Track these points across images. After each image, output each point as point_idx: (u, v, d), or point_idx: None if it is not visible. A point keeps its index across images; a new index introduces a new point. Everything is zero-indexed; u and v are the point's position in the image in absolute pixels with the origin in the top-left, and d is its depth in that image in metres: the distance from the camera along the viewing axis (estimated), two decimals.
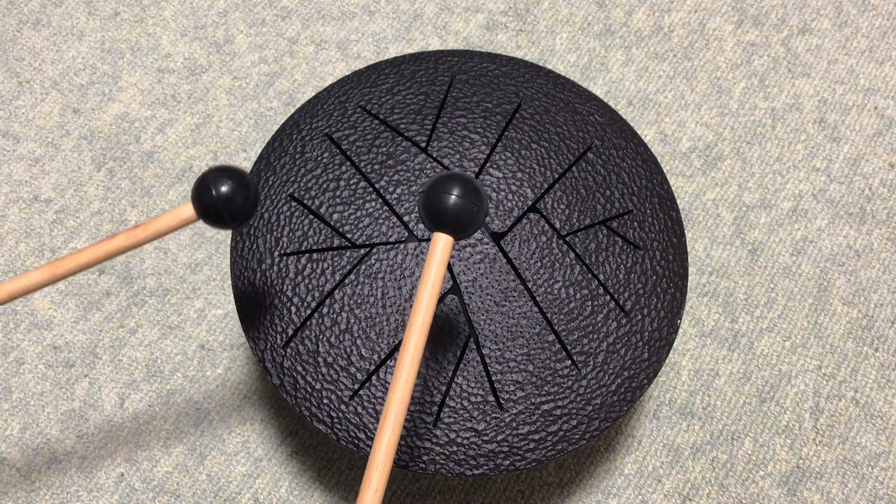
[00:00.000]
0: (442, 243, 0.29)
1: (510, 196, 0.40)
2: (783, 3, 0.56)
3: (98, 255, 0.31)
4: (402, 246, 0.39)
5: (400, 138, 0.41)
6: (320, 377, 0.37)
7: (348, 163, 0.41)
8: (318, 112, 0.42)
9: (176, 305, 0.47)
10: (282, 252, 0.39)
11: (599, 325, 0.38)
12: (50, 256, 0.48)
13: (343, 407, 0.36)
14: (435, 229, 0.29)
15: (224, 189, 0.30)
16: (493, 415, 0.36)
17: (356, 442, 0.36)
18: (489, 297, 0.38)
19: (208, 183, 0.30)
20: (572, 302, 0.38)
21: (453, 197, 0.28)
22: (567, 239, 0.39)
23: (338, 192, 0.40)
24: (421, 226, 0.39)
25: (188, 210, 0.31)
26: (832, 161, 0.51)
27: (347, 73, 0.52)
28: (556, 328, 0.38)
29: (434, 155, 0.41)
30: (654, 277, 0.39)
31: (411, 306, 0.38)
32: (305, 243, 0.39)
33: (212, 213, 0.30)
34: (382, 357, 0.37)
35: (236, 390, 0.45)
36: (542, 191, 0.40)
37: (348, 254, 0.39)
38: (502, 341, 0.37)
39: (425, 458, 0.36)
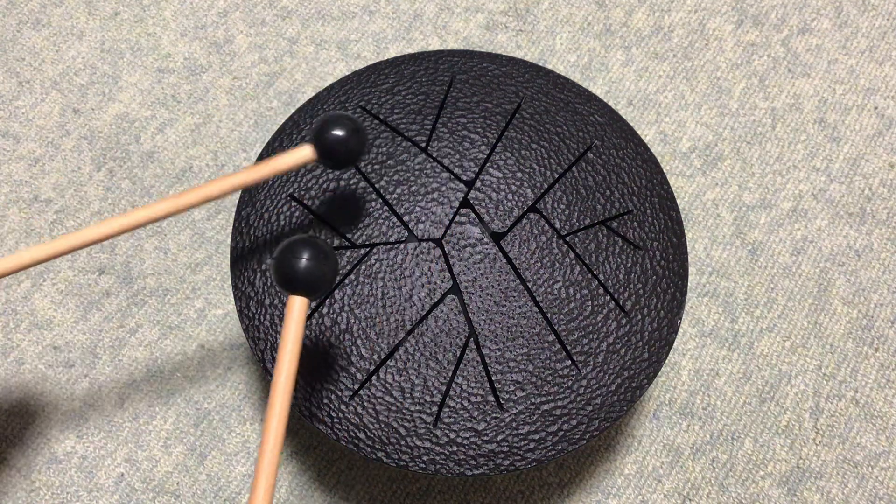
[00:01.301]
0: (297, 305, 0.30)
1: (510, 196, 0.40)
2: (783, 3, 0.56)
3: (223, 188, 0.35)
4: (402, 246, 0.39)
5: (400, 138, 0.41)
6: (320, 377, 0.37)
7: None
8: (318, 112, 0.42)
9: (176, 305, 0.47)
10: None
11: (599, 325, 0.38)
12: None
13: (343, 407, 0.36)
14: (290, 293, 0.31)
15: (341, 133, 0.35)
16: (493, 415, 0.36)
17: (356, 442, 0.36)
18: (489, 297, 0.38)
19: (329, 127, 0.35)
20: (572, 302, 0.38)
21: (304, 260, 0.30)
22: (567, 239, 0.39)
23: (338, 192, 0.40)
24: (421, 226, 0.39)
25: (307, 151, 0.36)
26: (832, 161, 0.51)
27: (347, 73, 0.52)
28: (556, 328, 0.38)
29: (434, 155, 0.41)
30: (654, 277, 0.39)
31: (411, 306, 0.38)
32: None
33: (331, 154, 0.35)
34: (382, 357, 0.37)
35: (236, 390, 0.45)
36: (542, 191, 0.40)
37: (348, 254, 0.39)
38: (502, 341, 0.37)
39: (425, 458, 0.36)
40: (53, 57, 0.53)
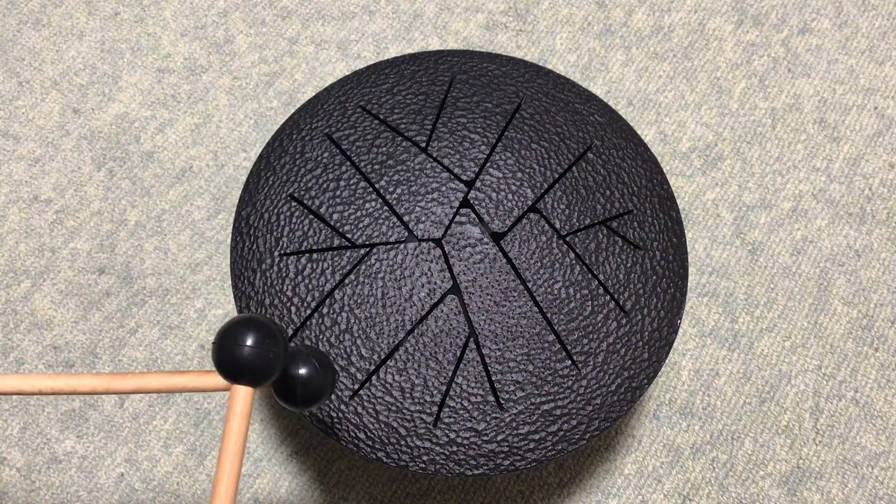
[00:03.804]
0: (241, 395, 0.27)
1: (510, 196, 0.40)
2: (783, 3, 0.56)
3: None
4: (402, 246, 0.39)
5: (400, 138, 0.41)
6: None
7: (348, 163, 0.41)
8: (318, 112, 0.42)
9: (176, 305, 0.47)
10: (282, 252, 0.39)
11: (599, 325, 0.38)
12: (50, 256, 0.48)
13: (343, 407, 0.36)
14: (232, 381, 0.27)
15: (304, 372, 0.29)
16: (493, 415, 0.36)
17: (356, 442, 0.36)
18: (489, 297, 0.38)
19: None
20: (572, 302, 0.38)
21: (246, 347, 0.27)
22: (567, 239, 0.39)
23: (338, 192, 0.40)
24: (421, 226, 0.39)
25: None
26: (832, 161, 0.51)
27: (347, 73, 0.52)
28: (556, 328, 0.38)
29: (434, 155, 0.41)
30: (654, 277, 0.39)
31: (411, 306, 0.38)
32: (305, 243, 0.39)
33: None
34: (382, 357, 0.37)
35: None
36: (542, 191, 0.40)
37: (348, 254, 0.39)
38: (502, 341, 0.37)
39: (425, 458, 0.36)
40: (53, 57, 0.53)
